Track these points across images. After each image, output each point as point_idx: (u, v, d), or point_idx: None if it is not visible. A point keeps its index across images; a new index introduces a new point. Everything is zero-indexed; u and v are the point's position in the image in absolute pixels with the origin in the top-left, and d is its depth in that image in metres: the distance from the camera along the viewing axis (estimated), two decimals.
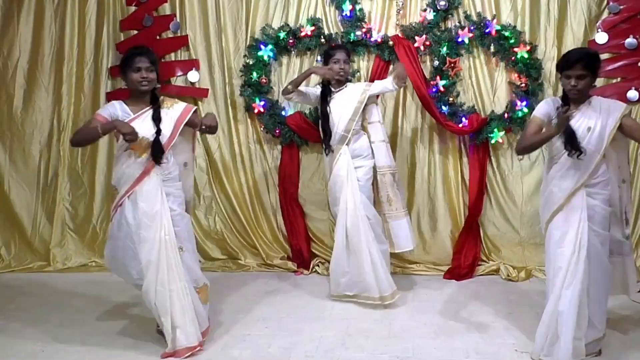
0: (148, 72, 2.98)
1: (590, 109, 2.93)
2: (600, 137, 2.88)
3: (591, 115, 2.91)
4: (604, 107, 2.92)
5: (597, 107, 2.93)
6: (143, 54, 3.01)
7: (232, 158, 4.53)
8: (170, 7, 4.47)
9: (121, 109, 3.01)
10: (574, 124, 2.89)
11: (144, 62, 2.97)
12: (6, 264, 4.53)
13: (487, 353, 3.05)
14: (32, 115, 4.60)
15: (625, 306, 3.51)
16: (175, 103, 3.16)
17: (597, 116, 2.90)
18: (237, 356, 3.05)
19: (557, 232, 2.93)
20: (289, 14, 4.36)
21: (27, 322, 3.48)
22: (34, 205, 4.63)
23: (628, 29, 4.10)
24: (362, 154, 3.81)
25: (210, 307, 3.50)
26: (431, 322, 3.44)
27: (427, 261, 4.43)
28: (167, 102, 3.12)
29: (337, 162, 3.76)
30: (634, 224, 4.28)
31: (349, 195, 3.69)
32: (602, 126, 2.88)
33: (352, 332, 3.31)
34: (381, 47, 4.23)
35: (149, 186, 2.99)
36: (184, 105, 3.18)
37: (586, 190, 2.90)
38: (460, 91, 4.25)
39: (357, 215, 3.66)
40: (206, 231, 4.61)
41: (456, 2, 4.17)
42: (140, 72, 2.97)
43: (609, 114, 2.89)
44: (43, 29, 4.56)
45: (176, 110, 3.10)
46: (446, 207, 4.42)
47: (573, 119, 2.87)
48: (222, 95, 4.49)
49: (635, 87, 4.12)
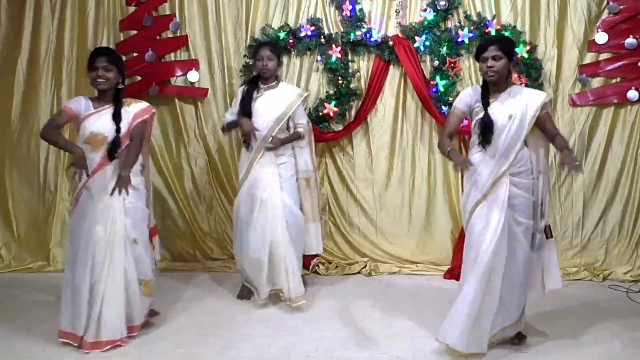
0: (105, 72, 3.09)
1: (510, 97, 2.96)
2: (521, 125, 2.91)
3: (512, 103, 2.94)
4: (524, 96, 2.96)
5: (517, 95, 2.97)
6: (102, 54, 3.14)
7: (232, 158, 4.52)
8: (170, 7, 4.46)
9: (85, 104, 3.14)
10: (495, 114, 2.93)
11: (101, 61, 3.09)
12: (6, 264, 4.52)
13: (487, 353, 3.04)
14: (32, 115, 4.59)
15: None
16: (137, 103, 3.25)
17: (518, 104, 2.93)
18: (237, 356, 3.04)
19: (479, 222, 2.94)
20: (289, 14, 4.35)
21: (27, 323, 3.48)
22: (34, 205, 4.63)
23: (628, 29, 4.10)
24: (285, 152, 3.75)
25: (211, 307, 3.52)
26: (431, 322, 3.43)
27: (427, 261, 4.43)
28: (128, 102, 3.22)
29: (260, 159, 3.67)
30: (634, 225, 4.30)
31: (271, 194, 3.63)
32: (523, 114, 2.91)
33: (352, 332, 3.31)
34: (381, 47, 4.23)
35: (103, 180, 3.08)
36: (145, 105, 3.26)
37: (510, 179, 2.93)
38: (460, 91, 4.24)
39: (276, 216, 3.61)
40: (206, 231, 4.61)
41: (456, 2, 4.17)
42: (97, 71, 3.08)
43: (529, 102, 2.92)
44: (41, 29, 4.54)
45: (134, 108, 3.20)
46: (446, 207, 4.42)
47: (493, 109, 2.93)
48: (222, 95, 4.49)
49: (635, 87, 4.12)
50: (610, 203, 4.30)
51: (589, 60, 4.21)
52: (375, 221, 4.50)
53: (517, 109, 2.92)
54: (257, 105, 3.69)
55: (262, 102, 3.70)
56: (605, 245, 4.31)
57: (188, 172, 4.59)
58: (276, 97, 3.72)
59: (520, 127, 2.91)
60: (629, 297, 3.84)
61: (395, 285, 4.14)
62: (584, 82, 4.20)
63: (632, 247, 4.29)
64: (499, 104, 2.97)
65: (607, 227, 4.32)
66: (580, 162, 2.81)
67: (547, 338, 3.20)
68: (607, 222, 4.32)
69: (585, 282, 4.13)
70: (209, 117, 4.50)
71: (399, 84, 4.35)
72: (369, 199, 4.49)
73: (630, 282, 4.09)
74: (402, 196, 4.46)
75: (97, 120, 3.10)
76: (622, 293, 3.90)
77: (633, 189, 4.28)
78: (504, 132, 2.91)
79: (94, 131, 3.08)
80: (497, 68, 2.92)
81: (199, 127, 4.51)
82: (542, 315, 3.45)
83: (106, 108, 3.13)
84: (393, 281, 4.22)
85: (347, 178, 4.49)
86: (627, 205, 4.29)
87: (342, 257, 4.49)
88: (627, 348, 3.10)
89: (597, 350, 3.06)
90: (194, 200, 4.60)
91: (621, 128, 4.25)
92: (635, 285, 4.02)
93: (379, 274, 4.36)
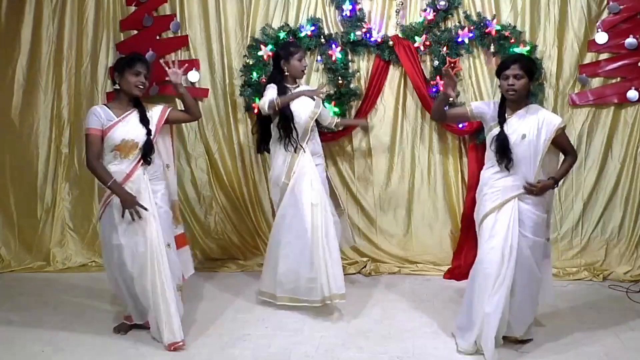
0: (145, 79, 3.14)
1: (526, 115, 2.97)
2: (535, 147, 2.93)
3: (527, 122, 2.95)
4: (540, 118, 2.96)
5: (533, 115, 2.97)
6: (145, 61, 3.18)
7: (232, 158, 4.53)
8: (170, 7, 4.46)
9: (105, 114, 3.10)
10: (509, 130, 2.95)
11: (144, 68, 3.13)
12: (6, 264, 4.53)
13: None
14: (32, 115, 4.59)
15: None
16: (154, 106, 3.29)
17: (533, 124, 2.94)
18: (237, 356, 3.05)
19: (487, 235, 2.98)
20: (289, 14, 4.35)
21: (27, 322, 3.49)
22: (34, 205, 4.63)
23: (628, 29, 4.10)
24: (319, 152, 3.77)
25: (211, 307, 3.52)
26: (431, 322, 3.44)
27: (427, 261, 4.43)
28: (147, 105, 3.25)
29: (300, 160, 3.63)
30: (634, 225, 4.29)
31: (316, 193, 3.58)
32: (537, 136, 2.92)
33: (352, 332, 3.31)
34: (381, 47, 4.23)
35: (137, 185, 3.08)
36: (161, 106, 3.30)
37: (518, 195, 2.95)
38: (460, 91, 4.25)
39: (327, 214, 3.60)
40: (206, 231, 4.61)
41: (456, 2, 4.17)
42: (139, 77, 3.11)
43: (544, 125, 2.94)
44: (41, 29, 4.54)
45: (155, 112, 3.23)
46: (446, 207, 4.42)
47: (508, 126, 2.95)
48: (222, 95, 4.48)
49: (635, 87, 4.12)
50: (610, 203, 4.30)
51: (589, 60, 4.20)
52: (375, 221, 4.50)
53: (531, 130, 2.93)
54: (293, 106, 3.63)
55: (298, 104, 3.65)
56: (605, 245, 4.31)
57: (188, 172, 4.59)
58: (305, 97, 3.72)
59: (535, 149, 2.93)
60: (629, 297, 3.84)
61: (395, 285, 4.13)
62: (584, 82, 4.19)
63: (632, 247, 4.29)
64: (514, 122, 2.96)
65: (607, 227, 4.31)
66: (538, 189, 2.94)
67: (547, 338, 3.20)
68: (607, 222, 4.32)
69: (585, 282, 4.13)
70: (209, 117, 4.50)
71: (399, 84, 4.34)
72: (369, 199, 4.49)
73: (630, 282, 4.09)
74: (402, 196, 4.46)
75: (125, 127, 3.09)
76: (622, 293, 3.90)
77: (633, 189, 4.28)
78: (516, 151, 2.92)
79: (124, 139, 3.07)
80: (518, 87, 2.92)
81: (199, 127, 4.51)
82: (542, 315, 3.45)
83: (129, 113, 3.14)
84: (393, 281, 4.22)
85: (347, 178, 4.49)
86: (627, 205, 4.29)
87: (342, 257, 4.46)
88: (627, 348, 3.10)
89: (597, 350, 3.06)
90: (194, 200, 4.60)
91: (621, 128, 4.24)
92: (635, 285, 4.02)
93: (379, 274, 4.36)
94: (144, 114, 3.16)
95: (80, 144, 4.57)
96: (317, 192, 3.59)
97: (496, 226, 2.95)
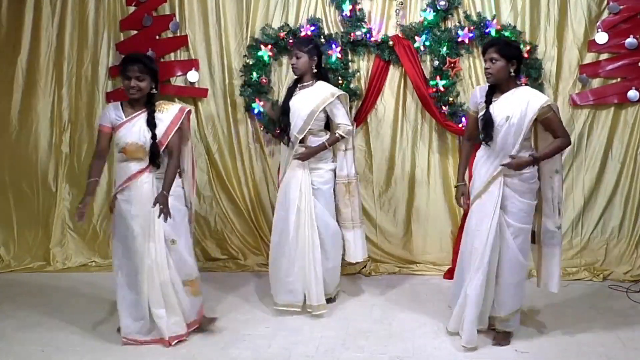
0: (138, 81, 3.03)
1: (512, 98, 3.01)
2: (518, 127, 2.95)
3: (512, 104, 2.98)
4: (525, 98, 2.98)
5: (519, 97, 3.01)
6: (135, 62, 3.05)
7: (232, 158, 4.53)
8: (169, 7, 4.45)
9: (115, 113, 3.11)
10: (494, 112, 3.01)
11: (134, 70, 3.03)
12: (6, 264, 4.53)
13: (487, 353, 3.06)
14: (32, 115, 4.59)
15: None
16: (171, 105, 3.21)
17: (517, 106, 2.97)
18: (237, 356, 3.05)
19: (474, 217, 3.08)
20: (289, 14, 4.35)
21: (27, 322, 3.48)
22: (34, 205, 4.63)
23: (628, 29, 4.10)
24: (321, 157, 3.64)
25: (211, 307, 3.51)
26: (431, 322, 3.44)
27: (427, 261, 4.43)
28: (162, 105, 3.17)
29: (293, 160, 3.59)
30: (634, 225, 4.29)
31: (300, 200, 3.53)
32: (521, 116, 2.95)
33: (352, 332, 3.31)
34: (381, 47, 4.22)
35: (141, 185, 3.07)
36: (178, 108, 3.21)
37: (504, 180, 3.00)
38: (460, 91, 4.25)
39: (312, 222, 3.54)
40: (206, 231, 4.60)
41: (456, 2, 4.17)
42: (130, 81, 3.03)
43: (528, 105, 2.95)
44: (41, 29, 4.53)
45: (168, 115, 3.14)
46: (446, 207, 4.42)
47: (494, 107, 3.02)
48: (222, 95, 4.48)
49: (635, 87, 4.12)
50: (610, 203, 4.30)
51: (589, 60, 4.20)
52: (375, 221, 4.50)
53: (515, 111, 2.96)
54: (292, 102, 3.64)
55: (296, 100, 3.64)
56: (605, 245, 4.31)
57: None
58: (309, 94, 3.62)
59: (518, 129, 2.96)
60: (629, 297, 3.84)
61: (395, 285, 4.13)
62: (584, 82, 4.19)
63: (632, 247, 4.29)
64: (500, 103, 3.03)
65: (607, 227, 4.31)
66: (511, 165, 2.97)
67: (547, 338, 3.21)
68: (607, 222, 4.32)
69: (585, 282, 4.12)
70: (209, 117, 4.49)
71: (399, 84, 4.34)
72: (369, 199, 4.49)
73: (630, 282, 4.09)
74: (402, 196, 4.46)
75: (131, 129, 3.06)
76: (622, 293, 3.90)
77: (633, 189, 4.28)
78: (501, 132, 2.98)
79: (128, 142, 3.04)
80: (493, 70, 2.99)
81: (199, 127, 4.51)
82: (542, 315, 3.46)
83: (138, 115, 3.09)
84: (393, 281, 4.21)
85: None
86: (627, 205, 4.29)
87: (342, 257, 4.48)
88: (627, 348, 3.10)
89: (597, 350, 3.06)
90: (194, 200, 4.59)
91: (621, 128, 4.24)
92: (635, 285, 4.01)
93: (379, 274, 4.36)
94: (151, 117, 3.08)
95: (80, 144, 4.59)
96: (305, 196, 3.54)
97: (483, 209, 3.03)
